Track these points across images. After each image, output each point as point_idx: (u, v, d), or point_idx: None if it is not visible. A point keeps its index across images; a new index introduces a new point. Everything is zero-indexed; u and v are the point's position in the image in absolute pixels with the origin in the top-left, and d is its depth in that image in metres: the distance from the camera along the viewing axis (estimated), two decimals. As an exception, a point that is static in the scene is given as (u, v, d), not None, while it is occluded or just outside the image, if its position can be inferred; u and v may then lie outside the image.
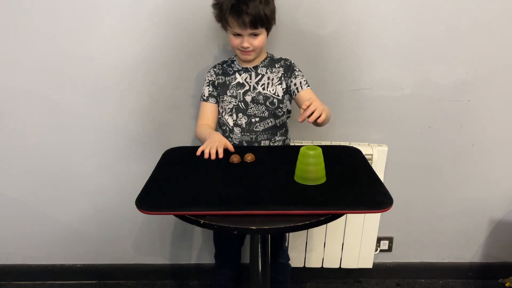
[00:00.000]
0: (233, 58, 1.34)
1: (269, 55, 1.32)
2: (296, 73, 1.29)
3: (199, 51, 1.45)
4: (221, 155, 1.09)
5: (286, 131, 1.37)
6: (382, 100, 1.53)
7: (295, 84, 1.27)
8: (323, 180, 0.95)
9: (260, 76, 1.29)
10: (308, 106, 1.01)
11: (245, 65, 1.30)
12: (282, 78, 1.29)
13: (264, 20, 1.17)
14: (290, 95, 1.31)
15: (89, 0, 1.38)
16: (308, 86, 1.28)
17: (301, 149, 0.94)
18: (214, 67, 1.35)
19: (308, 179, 0.93)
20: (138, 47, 1.44)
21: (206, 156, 1.09)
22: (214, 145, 1.11)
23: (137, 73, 1.48)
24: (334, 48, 1.46)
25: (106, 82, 1.49)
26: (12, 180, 1.63)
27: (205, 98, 1.33)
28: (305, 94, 1.25)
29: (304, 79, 1.28)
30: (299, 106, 1.24)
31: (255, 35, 1.20)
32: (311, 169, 0.93)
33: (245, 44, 1.19)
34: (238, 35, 1.20)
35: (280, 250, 1.45)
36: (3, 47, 1.43)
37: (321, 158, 0.93)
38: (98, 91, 1.50)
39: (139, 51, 1.45)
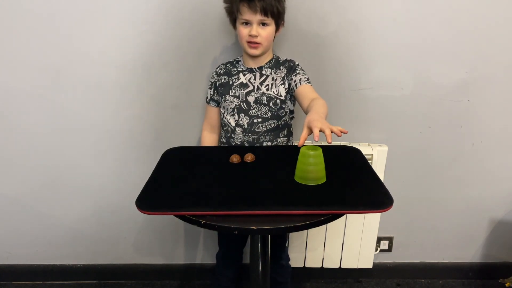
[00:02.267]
0: (238, 58, 1.34)
1: (275, 57, 1.32)
2: (297, 71, 1.28)
3: (200, 51, 1.45)
4: None
5: (290, 132, 1.36)
6: (382, 100, 1.53)
7: (294, 81, 1.26)
8: (323, 180, 0.95)
9: (264, 76, 1.29)
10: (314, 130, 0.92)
11: (250, 65, 1.30)
12: (285, 78, 1.28)
13: (274, 11, 1.19)
14: (292, 94, 1.30)
15: (89, 0, 1.38)
16: (309, 82, 1.26)
17: (301, 149, 0.94)
18: (218, 67, 1.35)
19: (308, 179, 0.93)
20: (139, 47, 1.44)
21: None
22: None
23: (138, 73, 1.48)
24: (334, 48, 1.46)
25: (107, 82, 1.49)
26: (12, 180, 1.63)
27: (207, 100, 1.38)
28: (304, 90, 1.23)
29: (305, 76, 1.27)
30: (299, 103, 1.23)
31: (264, 24, 1.21)
32: (311, 169, 0.92)
33: (254, 32, 1.20)
34: (247, 24, 1.21)
35: (281, 251, 1.45)
36: (3, 47, 1.43)
37: (321, 158, 0.93)
38: (98, 91, 1.50)
39: (140, 51, 1.45)
